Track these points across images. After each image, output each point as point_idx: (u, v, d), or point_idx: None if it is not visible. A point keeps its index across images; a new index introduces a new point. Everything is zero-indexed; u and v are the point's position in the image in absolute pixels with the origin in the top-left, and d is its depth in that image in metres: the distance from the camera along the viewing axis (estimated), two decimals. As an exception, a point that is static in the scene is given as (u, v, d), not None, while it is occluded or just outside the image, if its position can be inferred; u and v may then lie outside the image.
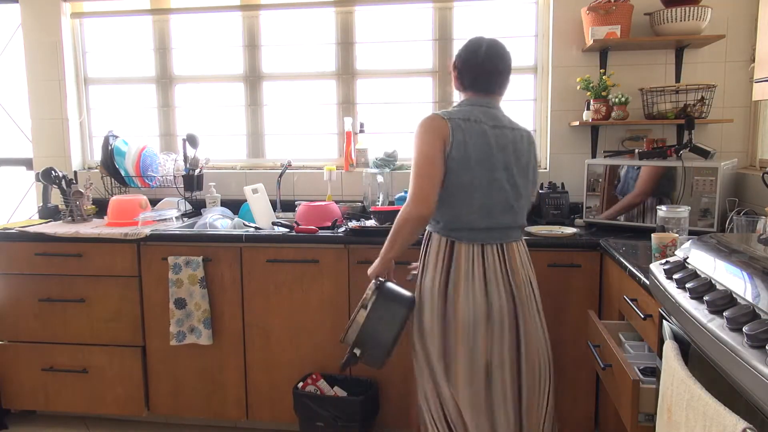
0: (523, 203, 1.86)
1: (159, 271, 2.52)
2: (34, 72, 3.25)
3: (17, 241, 2.59)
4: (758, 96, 1.93)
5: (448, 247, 1.81)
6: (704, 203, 2.24)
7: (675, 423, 1.14)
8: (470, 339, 1.77)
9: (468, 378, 1.78)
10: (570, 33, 2.83)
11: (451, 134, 1.74)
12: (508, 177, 1.79)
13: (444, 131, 1.74)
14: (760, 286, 1.06)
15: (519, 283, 1.80)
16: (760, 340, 0.92)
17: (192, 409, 2.61)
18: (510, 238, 1.82)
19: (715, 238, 1.47)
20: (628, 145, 2.82)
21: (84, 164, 3.38)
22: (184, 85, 3.28)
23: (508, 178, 1.79)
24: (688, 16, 2.51)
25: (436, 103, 3.11)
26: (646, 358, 1.72)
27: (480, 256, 1.78)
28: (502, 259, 1.79)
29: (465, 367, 1.78)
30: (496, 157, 1.76)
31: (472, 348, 1.77)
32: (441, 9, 3.04)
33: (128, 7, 3.23)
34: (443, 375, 1.81)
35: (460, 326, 1.77)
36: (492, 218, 1.78)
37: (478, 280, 1.76)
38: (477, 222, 1.77)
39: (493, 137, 1.77)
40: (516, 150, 1.81)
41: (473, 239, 1.78)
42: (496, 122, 1.80)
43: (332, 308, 2.47)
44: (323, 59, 3.16)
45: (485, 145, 1.75)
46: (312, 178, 3.12)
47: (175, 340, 2.49)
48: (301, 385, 2.44)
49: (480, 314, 1.76)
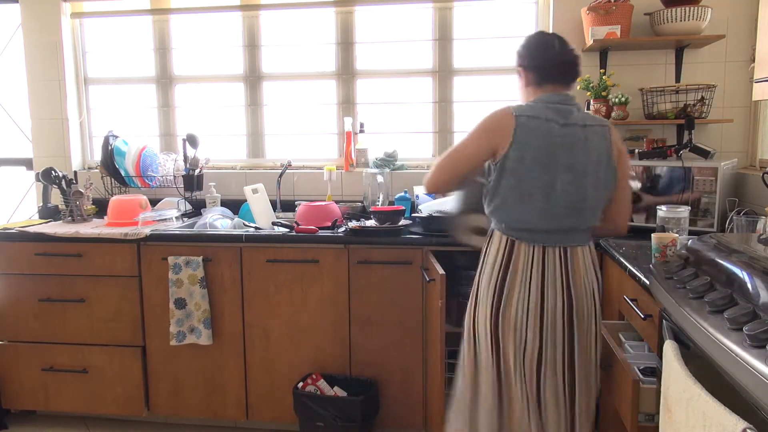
0: (590, 204, 1.73)
1: (159, 271, 2.52)
2: (34, 72, 3.25)
3: (17, 241, 2.59)
4: (758, 96, 1.93)
5: (507, 246, 1.74)
6: (704, 203, 2.24)
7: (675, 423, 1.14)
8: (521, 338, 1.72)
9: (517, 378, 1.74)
10: (570, 33, 2.82)
11: (514, 133, 1.67)
12: (574, 179, 1.69)
13: (505, 129, 1.68)
14: (760, 286, 1.06)
15: (579, 291, 1.72)
16: (760, 340, 0.92)
17: (192, 409, 2.61)
18: (574, 242, 1.72)
19: (715, 238, 1.47)
20: (629, 145, 2.81)
21: (84, 164, 3.38)
22: (184, 85, 3.28)
23: (573, 179, 1.69)
24: (688, 16, 2.51)
25: (436, 103, 3.11)
26: (646, 358, 1.72)
27: (540, 259, 1.70)
28: (563, 263, 1.71)
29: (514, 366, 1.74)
30: (560, 158, 1.68)
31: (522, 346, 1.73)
32: (441, 9, 3.04)
33: (128, 7, 3.23)
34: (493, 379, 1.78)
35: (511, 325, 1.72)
36: (553, 221, 1.70)
37: (534, 282, 1.70)
38: (537, 224, 1.70)
39: (559, 137, 1.68)
40: (587, 149, 1.70)
41: (533, 240, 1.71)
42: (567, 120, 1.70)
43: (332, 308, 2.47)
44: (323, 59, 3.16)
45: (548, 146, 1.67)
46: (312, 178, 3.12)
47: (175, 340, 2.49)
48: (301, 385, 2.44)
49: (532, 313, 1.70)
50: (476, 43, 3.04)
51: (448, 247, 2.35)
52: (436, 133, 3.14)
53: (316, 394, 2.39)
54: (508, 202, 1.71)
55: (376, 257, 2.41)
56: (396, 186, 3.01)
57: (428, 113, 3.14)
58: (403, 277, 2.41)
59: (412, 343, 2.45)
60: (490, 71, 3.04)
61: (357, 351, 2.49)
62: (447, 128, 3.13)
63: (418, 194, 2.85)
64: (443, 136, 3.14)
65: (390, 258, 2.41)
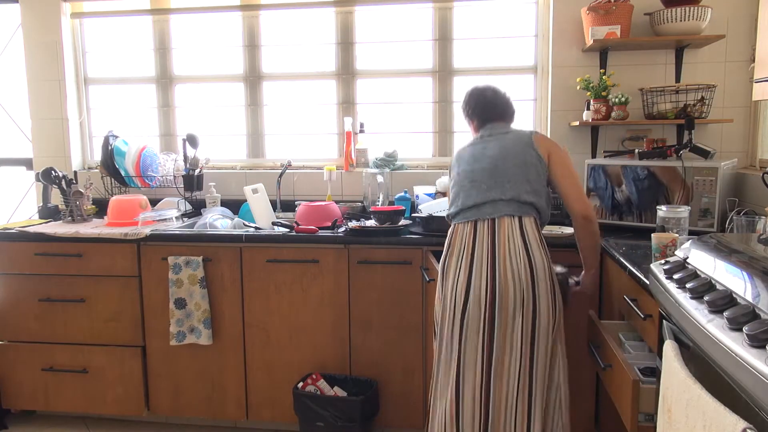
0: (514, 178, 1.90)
1: (159, 271, 2.52)
2: (34, 72, 3.25)
3: (17, 241, 2.59)
4: (758, 96, 1.93)
5: (451, 233, 1.96)
6: (704, 203, 2.24)
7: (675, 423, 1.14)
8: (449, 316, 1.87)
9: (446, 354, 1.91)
10: (570, 33, 2.83)
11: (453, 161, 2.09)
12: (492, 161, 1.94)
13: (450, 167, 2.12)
14: (760, 286, 1.06)
15: (503, 267, 1.79)
16: (760, 340, 0.92)
17: (192, 409, 2.61)
18: (501, 212, 1.86)
19: (715, 238, 1.47)
20: (628, 145, 2.82)
21: (84, 164, 3.38)
22: (184, 85, 3.28)
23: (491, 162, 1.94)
24: (688, 16, 2.51)
25: (436, 103, 3.11)
26: (646, 358, 1.71)
27: (472, 234, 1.88)
28: (491, 236, 1.85)
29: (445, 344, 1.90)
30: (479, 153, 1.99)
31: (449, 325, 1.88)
32: (441, 9, 3.04)
33: (128, 7, 3.23)
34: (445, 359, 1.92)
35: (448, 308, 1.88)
36: (479, 195, 1.91)
37: (465, 257, 1.87)
38: (467, 201, 1.92)
39: (481, 144, 2.01)
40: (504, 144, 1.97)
41: (466, 217, 1.91)
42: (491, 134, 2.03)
43: (332, 308, 2.47)
44: (323, 59, 3.16)
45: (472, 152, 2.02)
46: (312, 178, 3.12)
47: (175, 340, 2.49)
48: (301, 385, 2.44)
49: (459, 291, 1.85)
50: (476, 43, 3.04)
51: (448, 247, 2.35)
52: (436, 133, 3.14)
53: (316, 394, 2.39)
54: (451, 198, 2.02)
55: (376, 257, 2.41)
56: (396, 186, 3.01)
57: (428, 113, 3.14)
58: (403, 277, 2.41)
59: (412, 343, 2.45)
60: (490, 71, 3.04)
61: (357, 351, 2.49)
62: (447, 128, 3.13)
63: (418, 194, 2.85)
64: (443, 136, 3.14)
65: (390, 258, 2.41)
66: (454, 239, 1.92)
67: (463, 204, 1.92)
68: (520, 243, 1.83)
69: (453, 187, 2.02)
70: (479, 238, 1.86)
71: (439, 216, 2.41)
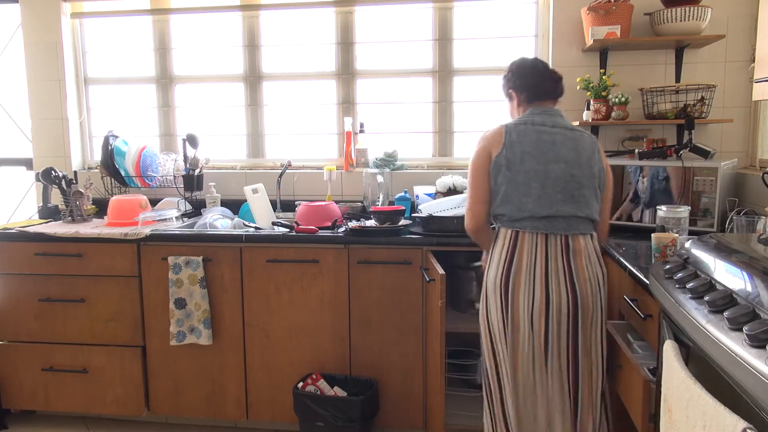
0: (587, 193, 1.82)
1: (159, 271, 2.52)
2: (34, 72, 3.25)
3: (17, 241, 2.59)
4: (758, 96, 1.93)
5: (512, 239, 1.82)
6: (704, 203, 2.24)
7: (675, 423, 1.14)
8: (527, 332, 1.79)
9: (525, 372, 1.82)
10: (570, 33, 2.83)
11: (504, 137, 1.83)
12: (567, 168, 1.80)
13: (496, 138, 1.85)
14: (760, 286, 1.06)
15: (583, 286, 1.78)
16: (760, 340, 0.92)
17: (192, 409, 2.61)
18: (575, 230, 1.79)
19: (715, 238, 1.47)
20: (628, 145, 2.82)
21: (84, 164, 3.38)
22: (184, 85, 3.28)
23: (566, 169, 1.80)
24: (688, 16, 2.51)
25: (436, 103, 3.11)
26: (654, 358, 1.71)
27: (543, 247, 1.77)
28: (566, 251, 1.78)
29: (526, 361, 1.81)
30: (551, 150, 1.81)
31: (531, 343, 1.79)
32: (441, 9, 3.04)
33: (128, 7, 3.23)
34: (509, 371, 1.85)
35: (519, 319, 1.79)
36: (552, 206, 1.78)
37: (539, 275, 1.77)
38: (538, 210, 1.78)
39: (548, 134, 1.83)
40: (576, 147, 1.84)
41: (536, 228, 1.78)
42: (554, 123, 1.86)
43: (332, 308, 2.47)
44: (323, 59, 3.16)
45: (538, 141, 1.82)
46: (312, 178, 3.12)
47: (175, 340, 2.49)
48: (301, 385, 2.44)
49: (537, 310, 1.77)
50: (476, 43, 3.04)
51: (448, 247, 2.35)
52: (435, 133, 3.14)
53: (316, 394, 2.39)
54: (509, 194, 1.81)
55: (376, 257, 2.41)
56: (396, 186, 3.01)
57: (428, 113, 3.14)
58: (403, 277, 2.41)
59: (412, 343, 2.45)
60: (490, 71, 3.04)
61: (357, 351, 2.49)
62: (447, 128, 3.13)
63: (418, 194, 2.85)
64: (443, 136, 3.14)
65: (390, 258, 2.41)
66: (521, 249, 1.79)
67: (533, 212, 1.78)
68: (595, 261, 1.82)
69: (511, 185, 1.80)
70: (552, 253, 1.77)
71: (439, 216, 2.41)
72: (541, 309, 1.76)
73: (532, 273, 1.77)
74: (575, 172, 1.80)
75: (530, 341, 1.79)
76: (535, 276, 1.77)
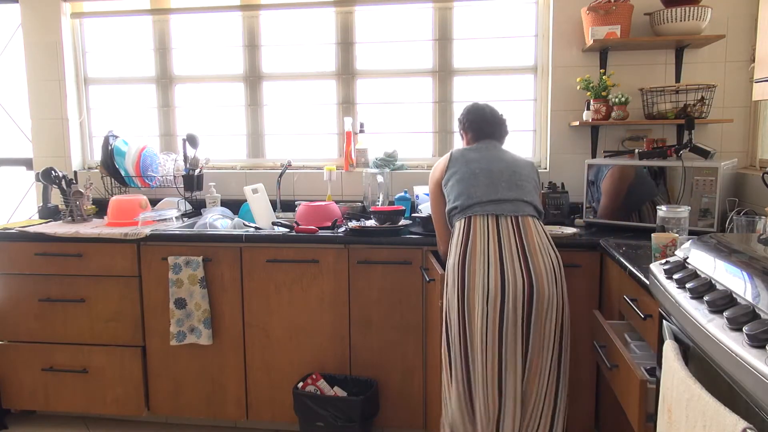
0: (528, 186, 1.99)
1: (159, 271, 2.52)
2: (34, 72, 3.25)
3: (17, 241, 2.59)
4: (758, 96, 1.93)
5: (465, 227, 1.94)
6: (704, 203, 2.24)
7: (675, 423, 1.14)
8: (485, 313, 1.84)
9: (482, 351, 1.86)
10: (570, 33, 2.83)
11: (450, 158, 2.11)
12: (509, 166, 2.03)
13: (442, 164, 2.12)
14: (760, 286, 1.06)
15: (536, 262, 1.85)
16: (760, 340, 0.92)
17: (192, 409, 2.61)
18: (522, 212, 1.92)
19: (715, 238, 1.47)
20: (628, 145, 2.82)
21: (84, 164, 3.38)
22: (184, 85, 3.28)
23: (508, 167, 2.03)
24: (688, 16, 2.51)
25: (436, 103, 3.11)
26: (652, 358, 1.71)
27: (495, 229, 1.88)
28: (517, 231, 1.88)
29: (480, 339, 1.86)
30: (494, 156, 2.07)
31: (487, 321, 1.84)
32: (441, 9, 3.04)
33: (128, 7, 3.23)
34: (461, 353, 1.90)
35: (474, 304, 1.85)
36: (498, 192, 1.95)
37: (492, 254, 1.86)
38: (486, 195, 1.93)
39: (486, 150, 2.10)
40: (515, 162, 2.07)
41: (486, 211, 1.91)
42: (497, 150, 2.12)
43: (332, 308, 2.47)
44: (323, 59, 3.16)
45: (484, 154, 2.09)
46: (312, 178, 3.12)
47: (175, 340, 2.49)
48: (301, 385, 2.44)
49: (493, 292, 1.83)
50: (476, 43, 3.04)
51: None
52: (435, 133, 3.14)
53: (316, 394, 2.39)
54: (458, 189, 2.01)
55: (376, 257, 2.41)
56: (396, 186, 3.01)
57: (428, 113, 3.14)
58: (403, 277, 2.41)
59: (412, 343, 2.45)
60: (490, 71, 3.04)
61: (357, 351, 2.49)
62: (447, 128, 3.13)
63: (418, 194, 2.85)
64: (443, 136, 3.14)
65: (390, 258, 2.41)
66: (474, 233, 1.90)
67: (481, 197, 1.94)
68: (546, 241, 1.92)
69: (461, 182, 2.01)
70: (504, 233, 1.88)
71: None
72: (497, 293, 1.82)
73: (486, 255, 1.86)
74: (516, 170, 2.03)
75: (484, 327, 1.84)
76: (489, 258, 1.86)
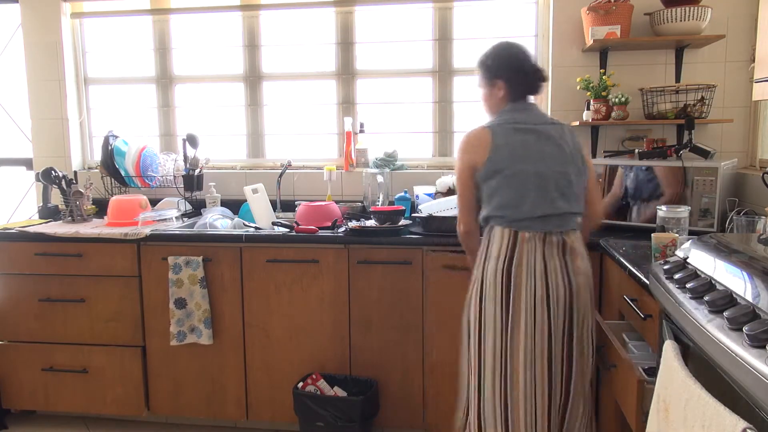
0: (576, 189, 1.87)
1: (159, 271, 2.52)
2: (34, 72, 3.25)
3: (17, 241, 2.59)
4: (758, 96, 1.93)
5: (511, 237, 1.83)
6: (704, 203, 2.24)
7: (673, 422, 1.14)
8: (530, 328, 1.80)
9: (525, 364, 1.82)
10: (570, 33, 2.83)
11: (491, 141, 1.84)
12: (555, 165, 1.84)
13: (482, 143, 1.85)
14: (760, 286, 1.06)
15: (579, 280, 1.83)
16: (760, 340, 0.92)
17: (192, 409, 2.61)
18: (568, 226, 1.84)
19: (715, 238, 1.47)
20: (628, 145, 2.82)
21: (84, 164, 3.38)
22: (184, 85, 3.28)
23: (555, 166, 1.84)
24: (688, 16, 2.51)
25: (436, 103, 3.11)
26: (650, 358, 1.71)
27: (542, 247, 1.81)
28: (563, 250, 1.83)
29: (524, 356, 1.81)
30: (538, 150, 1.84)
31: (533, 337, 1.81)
32: (441, 9, 3.04)
33: (128, 7, 3.23)
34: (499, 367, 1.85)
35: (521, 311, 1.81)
36: (548, 205, 1.81)
37: (539, 271, 1.80)
38: (535, 210, 1.81)
39: (532, 133, 1.85)
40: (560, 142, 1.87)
41: (534, 228, 1.81)
42: (536, 120, 1.88)
43: (332, 308, 2.47)
44: (323, 59, 3.16)
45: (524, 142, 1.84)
46: (312, 178, 3.12)
47: (175, 340, 2.49)
48: (301, 385, 2.44)
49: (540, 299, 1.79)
50: (476, 43, 3.04)
51: (448, 247, 2.35)
52: (435, 133, 3.14)
53: (316, 394, 2.39)
54: (505, 198, 1.83)
55: (376, 257, 2.41)
56: (396, 186, 3.01)
57: (428, 113, 3.14)
58: (403, 277, 2.41)
59: (412, 343, 2.45)
60: (490, 71, 3.04)
61: (357, 351, 2.49)
62: (447, 128, 3.13)
63: (418, 194, 2.85)
64: (443, 136, 3.14)
65: (390, 258, 2.41)
66: (521, 247, 1.81)
67: (531, 213, 1.80)
68: (586, 257, 1.88)
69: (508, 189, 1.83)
70: (549, 252, 1.81)
71: (439, 216, 2.41)
72: (543, 299, 1.79)
73: (533, 270, 1.80)
74: (563, 169, 1.84)
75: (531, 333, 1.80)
76: (536, 274, 1.80)
